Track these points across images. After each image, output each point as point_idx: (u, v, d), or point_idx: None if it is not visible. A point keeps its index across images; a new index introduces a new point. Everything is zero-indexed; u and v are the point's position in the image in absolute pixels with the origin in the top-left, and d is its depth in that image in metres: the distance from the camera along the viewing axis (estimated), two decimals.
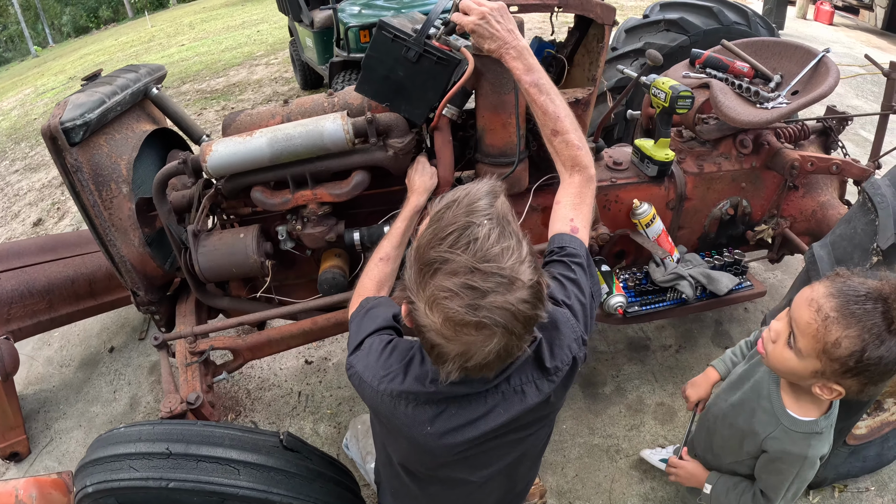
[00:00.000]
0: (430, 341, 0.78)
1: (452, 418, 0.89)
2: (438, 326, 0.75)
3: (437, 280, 0.74)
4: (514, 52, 1.21)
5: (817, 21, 7.59)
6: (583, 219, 1.13)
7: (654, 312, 1.92)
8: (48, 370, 2.71)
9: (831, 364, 0.95)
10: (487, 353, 0.77)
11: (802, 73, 1.96)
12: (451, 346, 0.76)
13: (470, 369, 0.80)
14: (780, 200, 2.09)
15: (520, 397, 0.90)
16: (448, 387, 0.87)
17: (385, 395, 0.92)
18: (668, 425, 2.09)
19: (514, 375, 0.90)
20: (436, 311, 0.75)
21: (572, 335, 0.94)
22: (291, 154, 1.50)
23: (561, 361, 0.92)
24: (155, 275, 1.83)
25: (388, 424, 0.98)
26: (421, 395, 0.89)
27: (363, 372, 0.96)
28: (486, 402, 0.89)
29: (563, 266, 1.04)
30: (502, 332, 0.75)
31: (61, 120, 1.50)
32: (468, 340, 0.75)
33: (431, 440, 0.90)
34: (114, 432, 1.37)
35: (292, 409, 2.30)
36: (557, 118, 1.17)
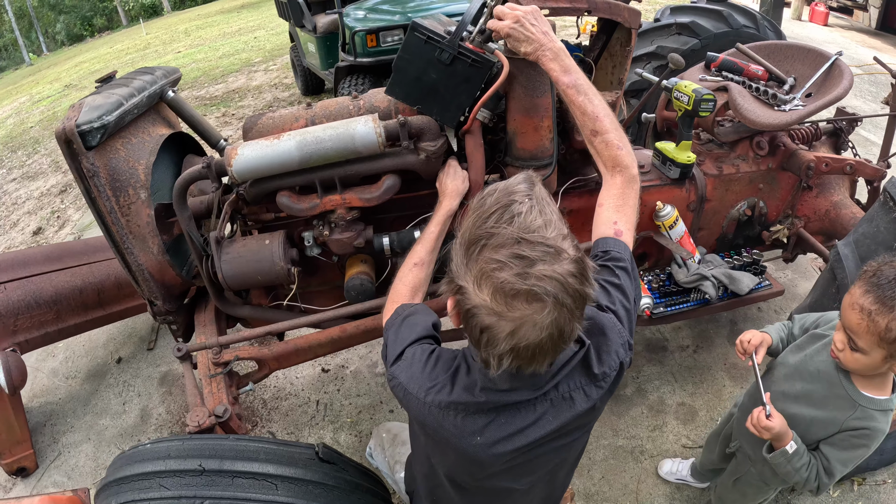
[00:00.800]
0: (481, 324, 0.73)
1: (502, 427, 0.85)
2: (489, 302, 0.71)
3: (485, 254, 0.72)
4: (551, 54, 1.17)
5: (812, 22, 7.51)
6: (626, 221, 1.07)
7: (678, 313, 1.86)
8: (54, 382, 2.57)
9: (892, 346, 1.02)
10: (540, 331, 0.71)
11: (816, 76, 1.93)
12: (503, 325, 0.71)
13: (522, 357, 0.74)
14: (795, 201, 2.06)
15: (569, 404, 0.86)
16: (498, 395, 0.83)
17: (433, 406, 0.87)
18: (691, 425, 2.04)
19: (562, 382, 0.85)
20: (485, 286, 0.71)
21: (619, 340, 0.90)
22: (321, 157, 1.41)
23: (609, 367, 0.89)
24: (173, 283, 1.72)
25: (434, 436, 0.91)
26: (470, 405, 0.84)
27: (408, 383, 0.91)
28: (536, 409, 0.85)
29: (608, 271, 0.98)
30: (553, 304, 0.70)
31: (77, 122, 1.39)
32: (520, 315, 0.70)
33: (481, 451, 0.86)
34: (139, 449, 1.26)
35: (311, 418, 2.19)
36: (597, 118, 1.12)
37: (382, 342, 1.06)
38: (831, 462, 1.18)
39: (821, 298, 1.65)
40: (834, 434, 1.17)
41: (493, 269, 0.71)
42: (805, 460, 1.19)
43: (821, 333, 1.29)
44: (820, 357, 1.23)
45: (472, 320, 0.74)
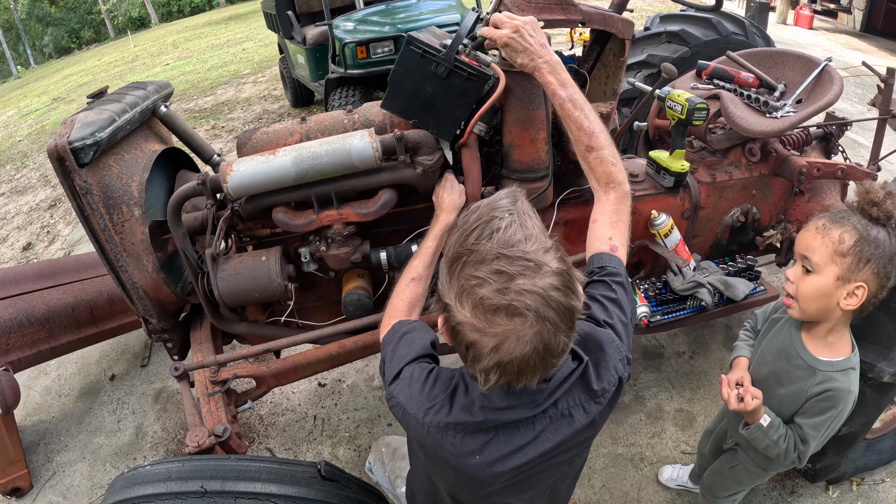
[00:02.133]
0: (466, 340, 0.74)
1: (501, 446, 0.84)
2: (470, 318, 0.72)
3: (466, 271, 0.73)
4: (548, 67, 1.16)
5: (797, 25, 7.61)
6: (621, 236, 1.08)
7: (676, 321, 1.86)
8: (46, 400, 2.52)
9: (845, 259, 1.09)
10: (524, 346, 0.71)
11: (806, 83, 1.95)
12: (486, 341, 0.72)
13: (508, 372, 0.74)
14: (787, 206, 2.07)
15: (567, 421, 0.86)
16: (496, 413, 0.83)
17: (432, 427, 0.86)
18: (689, 431, 2.04)
19: (561, 399, 0.85)
20: (466, 302, 0.72)
21: (617, 356, 0.90)
22: (318, 173, 1.39)
23: (608, 383, 0.88)
24: (168, 301, 1.69)
25: (433, 456, 0.91)
26: (469, 425, 0.84)
27: (406, 404, 0.90)
28: (535, 427, 0.85)
29: (605, 286, 0.99)
30: (535, 318, 0.70)
31: (69, 139, 1.37)
32: (502, 331, 0.70)
33: (480, 470, 0.85)
34: (138, 471, 1.23)
35: (308, 433, 2.16)
36: (592, 134, 1.13)
37: (380, 358, 1.05)
38: (804, 429, 1.22)
39: None
40: (803, 404, 1.22)
41: (472, 285, 0.71)
42: (782, 432, 1.23)
43: (777, 317, 1.34)
44: (778, 336, 1.29)
45: (458, 336, 0.75)
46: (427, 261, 1.27)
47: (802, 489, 1.83)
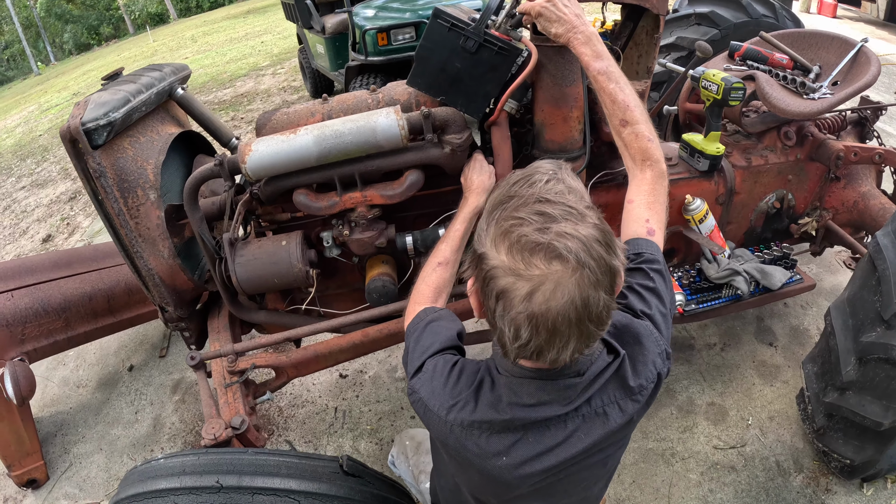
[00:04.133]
0: (497, 289, 0.65)
1: (530, 447, 0.76)
2: (505, 260, 0.64)
3: (506, 213, 0.67)
4: (583, 38, 1.09)
5: (821, 14, 7.39)
6: (658, 219, 0.99)
7: (710, 310, 1.75)
8: (64, 391, 2.46)
9: None
10: (561, 296, 0.62)
11: (843, 64, 1.82)
12: (520, 285, 0.63)
13: (540, 327, 0.63)
14: (823, 192, 1.94)
15: (602, 420, 0.77)
16: (525, 410, 0.75)
17: (455, 425, 0.78)
18: (721, 425, 1.92)
19: (595, 396, 0.77)
20: (503, 243, 0.65)
21: (656, 349, 0.81)
22: (341, 153, 1.29)
23: (646, 379, 0.79)
24: (185, 288, 1.61)
25: (457, 456, 0.83)
26: (496, 424, 0.76)
27: (429, 399, 0.82)
28: (566, 426, 0.76)
29: (642, 274, 0.89)
30: (575, 264, 0.62)
31: (82, 120, 1.28)
32: (538, 274, 0.62)
33: (506, 472, 0.77)
34: (152, 464, 1.15)
35: (329, 426, 2.07)
36: (627, 107, 1.05)
37: (404, 347, 0.97)
38: None
39: (860, 290, 1.54)
40: None
41: (511, 225, 0.65)
42: None
43: None
44: None
45: (489, 286, 0.66)
46: (455, 245, 1.18)
47: (837, 486, 1.72)
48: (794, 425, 1.88)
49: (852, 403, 1.47)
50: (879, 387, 1.41)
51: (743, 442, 1.86)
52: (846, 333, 1.52)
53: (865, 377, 1.44)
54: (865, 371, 1.44)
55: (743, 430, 1.89)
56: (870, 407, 1.43)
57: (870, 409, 1.43)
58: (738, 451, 1.83)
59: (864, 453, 1.58)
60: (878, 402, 1.42)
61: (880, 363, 1.39)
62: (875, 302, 1.44)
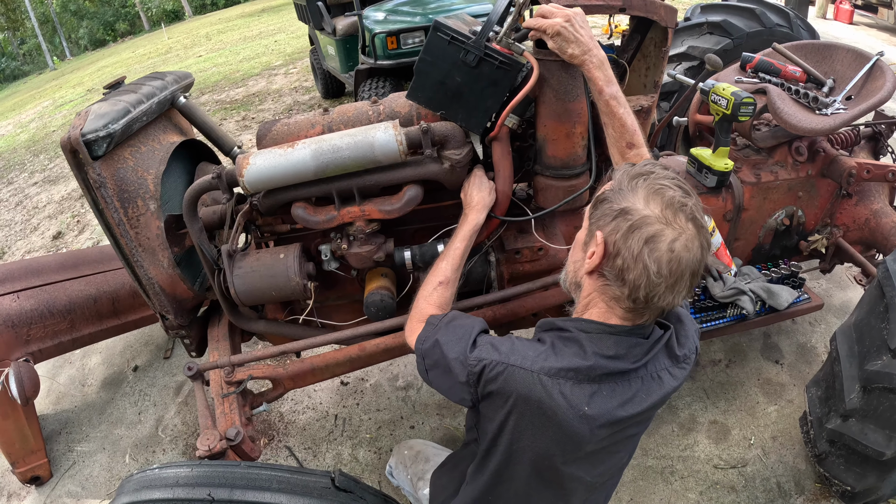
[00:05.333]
0: (647, 234, 0.79)
1: (606, 399, 0.86)
2: (659, 212, 0.80)
3: (651, 180, 0.83)
4: (597, 61, 1.13)
5: (837, 20, 7.31)
6: None
7: (714, 329, 1.71)
8: (70, 390, 2.49)
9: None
10: (695, 249, 0.79)
11: (857, 78, 1.76)
12: (669, 232, 0.78)
13: (674, 271, 0.79)
14: (834, 209, 1.89)
15: (658, 383, 0.90)
16: (605, 360, 0.85)
17: (542, 374, 0.85)
18: (723, 444, 1.88)
19: (651, 363, 0.89)
20: (656, 200, 0.81)
21: (693, 326, 0.98)
22: (338, 167, 1.28)
23: (688, 350, 0.94)
24: (185, 297, 1.61)
25: (535, 411, 0.86)
26: (581, 371, 0.85)
27: (507, 357, 0.88)
28: (631, 385, 0.88)
29: None
30: (701, 228, 0.81)
31: (83, 131, 1.28)
32: (682, 226, 0.79)
33: (586, 423, 0.85)
34: (147, 474, 1.16)
35: (329, 433, 2.07)
36: (635, 131, 1.15)
37: (420, 359, 1.01)
38: None
39: (867, 316, 1.50)
40: None
41: (661, 186, 0.81)
42: None
43: None
44: None
45: (636, 234, 0.80)
46: (455, 263, 1.20)
47: None
48: (797, 446, 1.84)
49: (855, 431, 1.44)
50: (883, 416, 1.38)
51: (744, 462, 1.82)
52: (851, 360, 1.48)
53: (869, 406, 1.40)
54: (869, 399, 1.40)
55: (745, 449, 1.86)
56: (872, 436, 1.40)
57: (872, 438, 1.40)
58: (739, 471, 1.80)
59: (865, 481, 1.53)
60: (882, 432, 1.38)
61: (885, 392, 1.36)
62: (882, 329, 1.40)
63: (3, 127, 8.44)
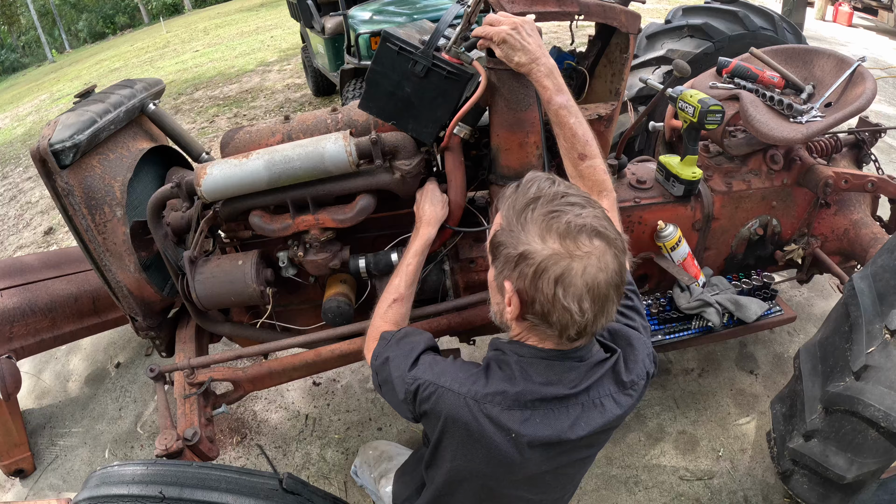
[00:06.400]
0: (555, 275, 0.77)
1: (538, 426, 0.85)
2: (558, 247, 0.77)
3: (539, 210, 0.80)
4: (545, 70, 1.14)
5: (836, 22, 7.38)
6: None
7: (678, 341, 1.75)
8: (54, 385, 2.62)
9: None
10: (608, 267, 0.77)
11: (836, 84, 1.77)
12: (576, 265, 0.76)
13: (597, 297, 0.78)
14: (811, 219, 1.91)
15: (599, 410, 0.88)
16: (535, 386, 0.85)
17: (468, 397, 0.86)
18: (690, 456, 1.93)
19: (593, 388, 0.88)
20: (551, 233, 0.78)
21: (645, 350, 0.96)
22: (290, 177, 1.36)
23: (637, 375, 0.92)
24: (153, 300, 1.71)
25: (463, 433, 0.87)
26: (508, 396, 0.85)
27: (438, 378, 0.89)
28: (569, 412, 0.87)
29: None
30: (610, 239, 0.79)
31: (50, 141, 1.38)
32: (587, 251, 0.77)
33: (515, 448, 0.85)
34: (108, 470, 1.26)
35: (299, 432, 2.17)
36: (587, 142, 1.14)
37: (374, 374, 1.04)
38: None
39: (832, 336, 1.50)
40: None
41: (553, 217, 0.78)
42: None
43: None
44: None
45: (543, 278, 0.77)
46: (409, 279, 1.24)
47: None
48: (766, 459, 1.88)
49: (816, 453, 1.43)
50: (845, 439, 1.37)
51: (711, 474, 1.86)
52: (814, 379, 1.48)
53: (831, 427, 1.40)
54: (831, 421, 1.39)
55: (713, 461, 1.90)
56: (834, 458, 1.39)
57: (833, 460, 1.39)
58: (706, 483, 1.84)
59: (828, 502, 1.52)
60: (843, 455, 1.38)
61: (846, 415, 1.35)
62: (846, 350, 1.40)
63: (0, 120, 8.71)
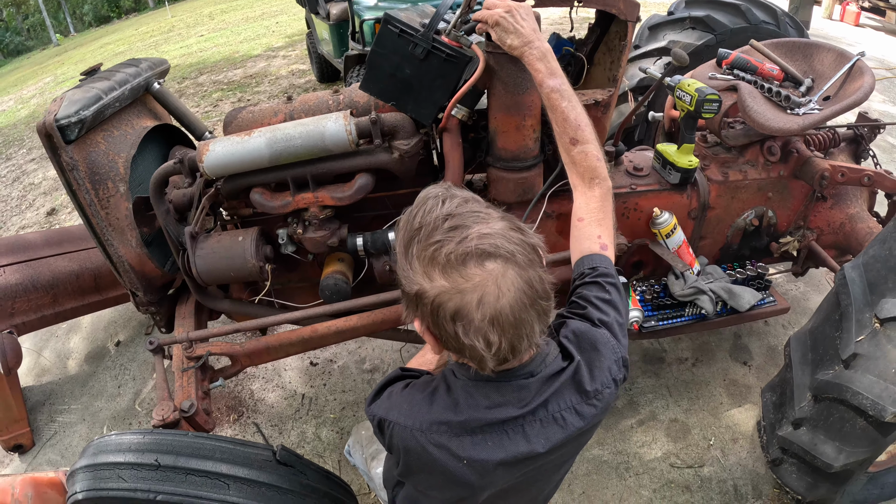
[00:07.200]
0: (450, 312, 0.71)
1: (492, 449, 0.81)
2: (445, 283, 0.71)
3: (421, 244, 0.74)
4: (538, 53, 1.16)
5: (843, 21, 7.49)
6: (608, 235, 1.07)
7: (671, 328, 1.81)
8: (55, 362, 2.70)
9: None
10: (509, 290, 0.70)
11: (835, 78, 1.82)
12: (469, 298, 0.70)
13: (505, 325, 0.71)
14: (808, 211, 1.96)
15: (560, 425, 0.83)
16: (482, 412, 0.81)
17: (415, 430, 0.84)
18: (682, 443, 1.99)
19: (552, 401, 0.83)
20: (435, 269, 0.71)
21: (612, 356, 0.89)
22: (291, 155, 1.42)
23: (601, 384, 0.86)
24: (154, 275, 1.78)
25: (418, 463, 0.87)
26: (453, 425, 0.82)
27: (387, 413, 0.88)
28: (525, 431, 0.82)
29: (598, 287, 0.97)
30: (506, 257, 0.71)
31: (56, 117, 1.45)
32: (479, 280, 0.70)
33: (471, 472, 0.82)
34: (105, 439, 1.33)
35: (295, 411, 2.24)
36: (578, 126, 1.12)
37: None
38: None
39: (822, 325, 1.55)
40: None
41: (433, 251, 0.71)
42: None
43: None
44: None
45: (440, 315, 0.72)
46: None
47: None
48: (757, 450, 1.93)
49: (805, 441, 1.47)
50: (833, 427, 1.41)
51: (702, 462, 1.92)
52: (804, 367, 1.53)
53: (819, 416, 1.44)
54: (820, 409, 1.43)
55: (704, 450, 1.96)
56: (822, 447, 1.42)
57: (822, 449, 1.42)
58: (696, 471, 1.90)
59: (816, 491, 1.58)
60: (831, 443, 1.41)
61: (835, 403, 1.39)
62: (836, 338, 1.44)
63: (4, 102, 8.83)
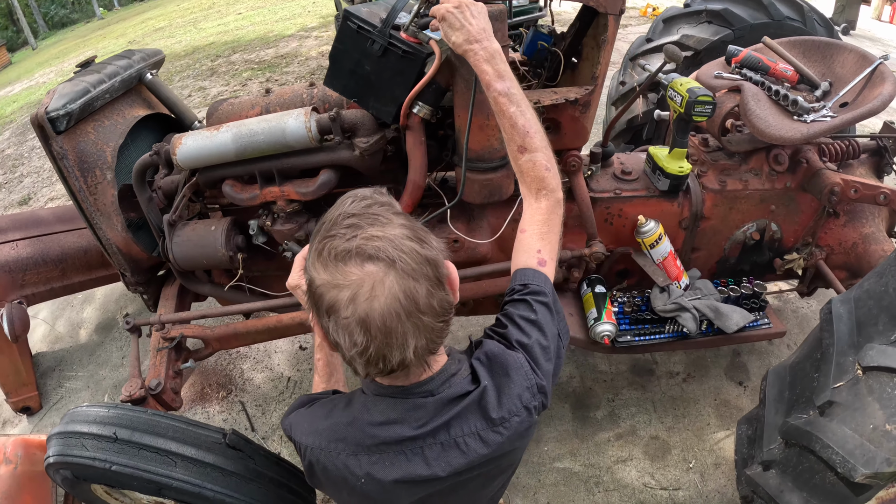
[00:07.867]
0: (326, 305, 0.71)
1: (388, 469, 0.81)
2: (325, 276, 0.71)
3: (320, 236, 0.74)
4: (485, 54, 1.12)
5: (892, 23, 6.98)
6: (550, 249, 1.03)
7: (648, 345, 1.76)
8: (69, 330, 2.95)
9: None
10: (382, 296, 0.69)
11: (854, 83, 1.68)
12: (342, 294, 0.69)
13: (372, 330, 0.70)
14: (818, 228, 1.84)
15: (462, 450, 0.81)
16: (375, 428, 0.81)
17: (313, 447, 0.85)
18: (659, 462, 1.95)
19: (454, 425, 0.81)
20: (322, 261, 0.72)
21: (525, 383, 0.86)
22: (255, 150, 1.48)
23: (508, 412, 0.83)
24: (140, 258, 1.90)
25: (326, 478, 0.87)
26: (350, 443, 0.82)
27: (291, 429, 0.90)
28: (424, 453, 0.81)
29: (525, 306, 0.94)
30: (388, 263, 0.69)
31: (47, 109, 1.57)
32: (356, 279, 0.69)
33: (374, 488, 0.82)
34: (78, 409, 1.46)
35: (280, 393, 2.36)
36: (527, 133, 1.08)
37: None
38: None
39: (804, 361, 1.42)
40: None
41: (324, 245, 0.72)
42: None
43: None
44: None
45: (320, 306, 0.72)
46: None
47: None
48: None
49: (771, 486, 1.35)
50: (802, 477, 1.29)
51: (678, 485, 1.88)
52: (779, 406, 1.42)
53: (789, 461, 1.33)
54: (790, 455, 1.32)
55: (682, 472, 1.92)
56: (788, 496, 1.30)
57: (788, 497, 1.30)
58: (670, 493, 1.87)
59: None
60: (798, 493, 1.29)
61: (805, 452, 1.27)
62: (814, 380, 1.32)
63: (45, 74, 9.46)
